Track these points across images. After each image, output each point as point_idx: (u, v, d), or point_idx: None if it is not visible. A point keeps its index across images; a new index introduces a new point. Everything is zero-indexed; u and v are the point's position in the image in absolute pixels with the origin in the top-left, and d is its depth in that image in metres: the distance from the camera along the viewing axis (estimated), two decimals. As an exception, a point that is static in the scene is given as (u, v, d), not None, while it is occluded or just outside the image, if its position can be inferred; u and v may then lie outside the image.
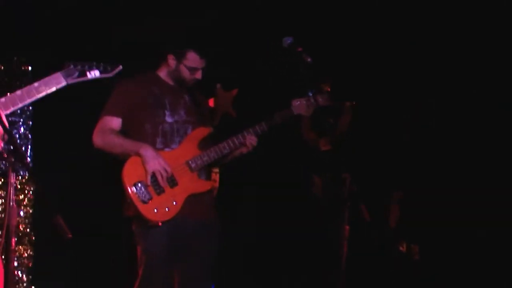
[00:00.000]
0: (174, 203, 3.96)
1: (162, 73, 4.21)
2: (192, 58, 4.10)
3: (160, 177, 3.87)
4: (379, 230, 5.29)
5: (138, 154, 3.91)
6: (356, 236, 5.02)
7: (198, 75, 4.14)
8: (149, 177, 3.86)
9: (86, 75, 3.38)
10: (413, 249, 5.23)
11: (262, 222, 5.58)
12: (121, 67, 3.44)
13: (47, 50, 5.06)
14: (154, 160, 3.90)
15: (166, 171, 3.92)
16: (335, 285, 4.99)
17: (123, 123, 4.02)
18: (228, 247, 4.42)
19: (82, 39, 5.13)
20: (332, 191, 5.28)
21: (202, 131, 4.16)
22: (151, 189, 3.89)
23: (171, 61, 4.13)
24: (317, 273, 5.43)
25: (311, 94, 4.35)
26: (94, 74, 3.41)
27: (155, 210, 3.88)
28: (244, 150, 4.20)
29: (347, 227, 5.01)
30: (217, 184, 4.63)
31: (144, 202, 3.85)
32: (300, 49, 4.20)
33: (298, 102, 4.32)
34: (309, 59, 4.16)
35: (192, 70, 4.12)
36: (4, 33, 4.94)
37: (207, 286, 4.19)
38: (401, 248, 5.25)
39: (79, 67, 3.36)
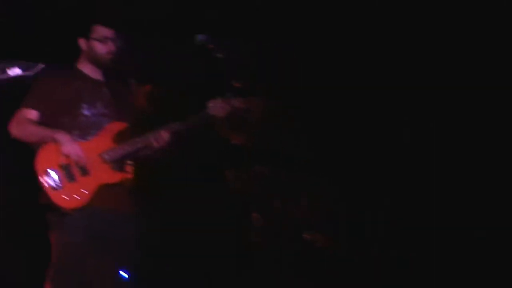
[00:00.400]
0: (85, 191, 4.09)
1: (82, 64, 4.36)
2: (99, 30, 4.27)
3: (73, 161, 4.04)
4: (288, 220, 5.49)
5: (54, 140, 4.07)
6: (266, 225, 5.33)
7: (111, 46, 4.28)
8: (63, 159, 4.04)
9: (6, 72, 3.50)
10: (317, 237, 5.42)
11: (178, 213, 5.67)
12: (42, 65, 3.56)
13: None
14: (69, 144, 4.07)
15: (79, 156, 4.06)
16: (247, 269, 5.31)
17: (41, 116, 4.18)
18: (145, 237, 4.55)
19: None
20: (245, 183, 5.48)
21: (118, 125, 4.31)
22: (63, 176, 4.03)
23: (83, 44, 4.30)
24: (229, 260, 5.59)
25: (227, 96, 4.43)
26: (15, 71, 3.53)
27: (66, 198, 4.03)
28: (158, 146, 4.30)
29: (257, 215, 5.33)
30: (130, 175, 4.68)
31: (55, 189, 4.03)
32: (211, 46, 4.28)
33: (214, 104, 4.42)
34: (220, 56, 4.27)
35: (102, 40, 4.27)
36: None
37: (120, 274, 4.28)
38: (306, 236, 5.43)
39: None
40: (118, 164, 4.28)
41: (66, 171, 4.05)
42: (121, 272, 4.34)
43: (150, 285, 5.35)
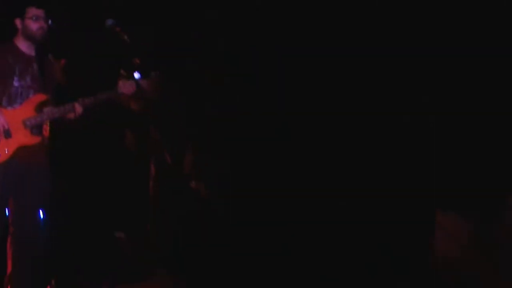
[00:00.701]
0: (6, 151, 4.59)
1: (18, 40, 4.75)
2: (31, 11, 4.68)
3: None
4: (178, 172, 5.94)
5: None
6: (160, 176, 5.78)
7: (41, 23, 4.67)
8: None
9: None
10: (200, 186, 5.91)
11: (86, 166, 5.96)
12: None
13: None
14: None
15: (4, 125, 4.56)
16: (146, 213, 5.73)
17: None
18: (57, 184, 5.03)
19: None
20: (142, 142, 5.92)
21: (41, 97, 4.74)
22: None
23: (19, 23, 4.72)
24: (130, 205, 5.99)
25: (136, 77, 4.80)
26: None
27: None
28: (72, 116, 4.76)
29: (153, 167, 5.82)
30: (47, 134, 5.00)
31: None
32: (118, 29, 4.74)
33: (123, 83, 4.80)
34: (125, 37, 4.73)
35: (34, 18, 4.67)
36: None
37: (37, 213, 4.81)
38: (192, 186, 5.91)
39: None
40: (36, 129, 4.72)
41: None
42: (38, 213, 4.78)
43: (61, 224, 5.63)
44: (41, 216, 4.88)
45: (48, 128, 5.02)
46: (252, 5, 5.50)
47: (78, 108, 4.75)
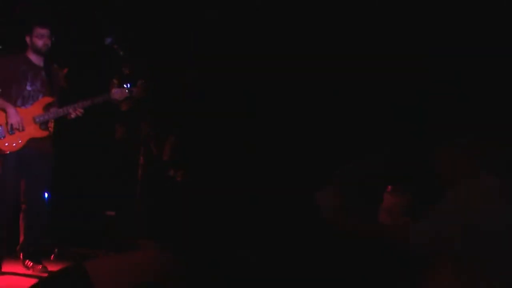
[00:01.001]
0: (20, 141, 5.14)
1: (29, 53, 5.30)
2: (37, 30, 5.22)
3: (14, 126, 5.11)
4: (159, 161, 6.49)
5: (4, 110, 5.16)
6: (146, 164, 6.20)
7: (46, 40, 5.18)
8: (9, 126, 5.13)
9: None
10: (178, 173, 6.48)
11: (83, 155, 6.58)
12: None
13: None
14: (14, 116, 5.17)
15: (19, 123, 5.12)
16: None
17: None
18: (59, 169, 5.52)
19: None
20: (131, 135, 6.34)
21: (48, 99, 5.34)
22: (6, 131, 5.13)
23: (28, 39, 5.26)
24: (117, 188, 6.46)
25: (128, 86, 5.27)
26: None
27: (6, 144, 5.14)
28: (73, 115, 5.33)
29: (142, 158, 6.17)
30: (51, 129, 5.51)
31: (0, 138, 5.11)
32: (116, 46, 5.25)
33: (116, 90, 5.30)
34: (121, 53, 5.26)
35: (40, 36, 5.16)
36: None
37: (43, 193, 5.32)
38: (170, 173, 6.48)
39: None
40: (44, 125, 5.31)
41: (10, 128, 5.13)
42: (44, 193, 5.31)
43: (64, 202, 6.25)
44: (46, 195, 5.41)
45: (53, 124, 5.55)
46: (252, 5, 5.73)
47: (78, 110, 5.33)
